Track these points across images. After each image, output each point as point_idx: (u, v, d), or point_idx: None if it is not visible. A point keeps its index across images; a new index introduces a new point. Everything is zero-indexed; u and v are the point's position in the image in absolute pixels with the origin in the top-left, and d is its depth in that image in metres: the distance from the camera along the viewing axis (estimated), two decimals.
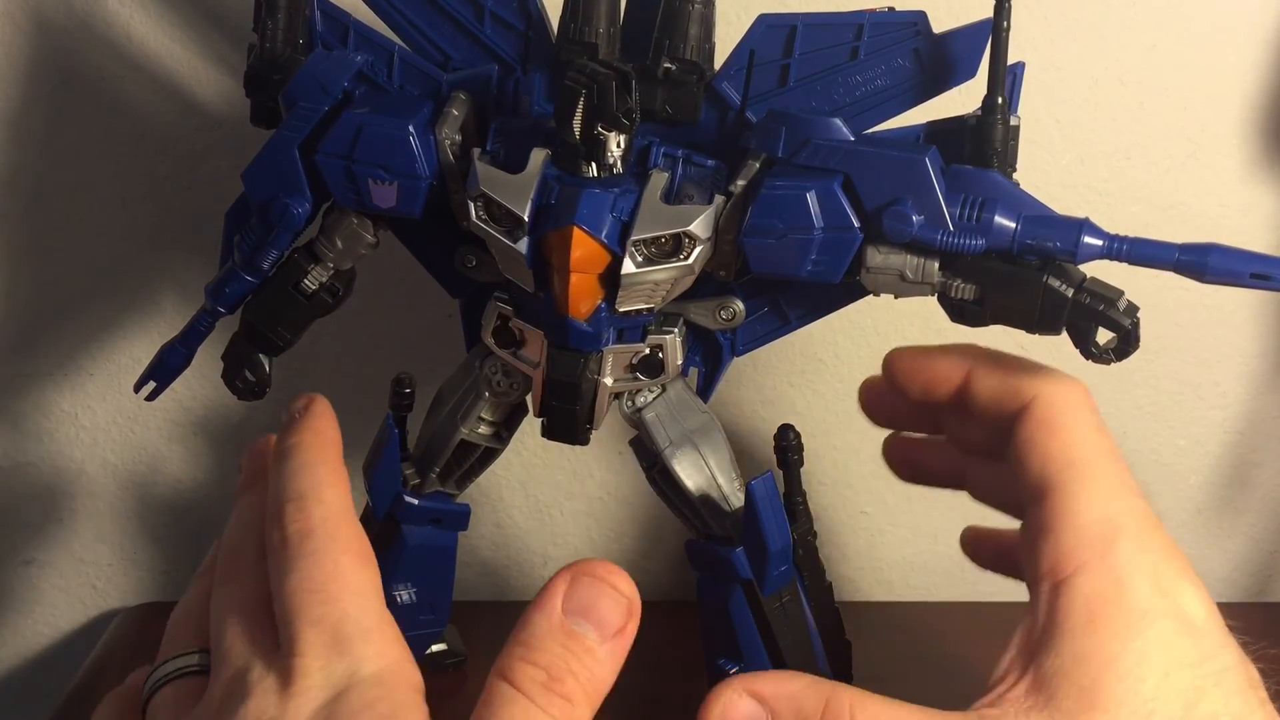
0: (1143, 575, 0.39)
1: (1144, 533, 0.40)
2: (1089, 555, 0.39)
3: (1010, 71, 0.44)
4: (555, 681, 0.36)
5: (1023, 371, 0.45)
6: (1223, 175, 0.65)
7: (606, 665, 0.37)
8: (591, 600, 0.37)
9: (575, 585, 0.37)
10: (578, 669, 0.36)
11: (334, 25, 0.50)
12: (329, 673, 0.36)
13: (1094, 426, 0.43)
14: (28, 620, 0.74)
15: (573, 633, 0.37)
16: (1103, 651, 0.38)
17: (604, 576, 0.38)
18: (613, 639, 0.37)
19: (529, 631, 0.37)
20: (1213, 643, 0.39)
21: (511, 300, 0.49)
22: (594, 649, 0.37)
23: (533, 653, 0.36)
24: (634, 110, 0.43)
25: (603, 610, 0.37)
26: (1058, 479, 0.41)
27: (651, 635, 0.68)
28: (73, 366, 0.69)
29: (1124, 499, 0.41)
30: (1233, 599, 0.73)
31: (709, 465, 0.50)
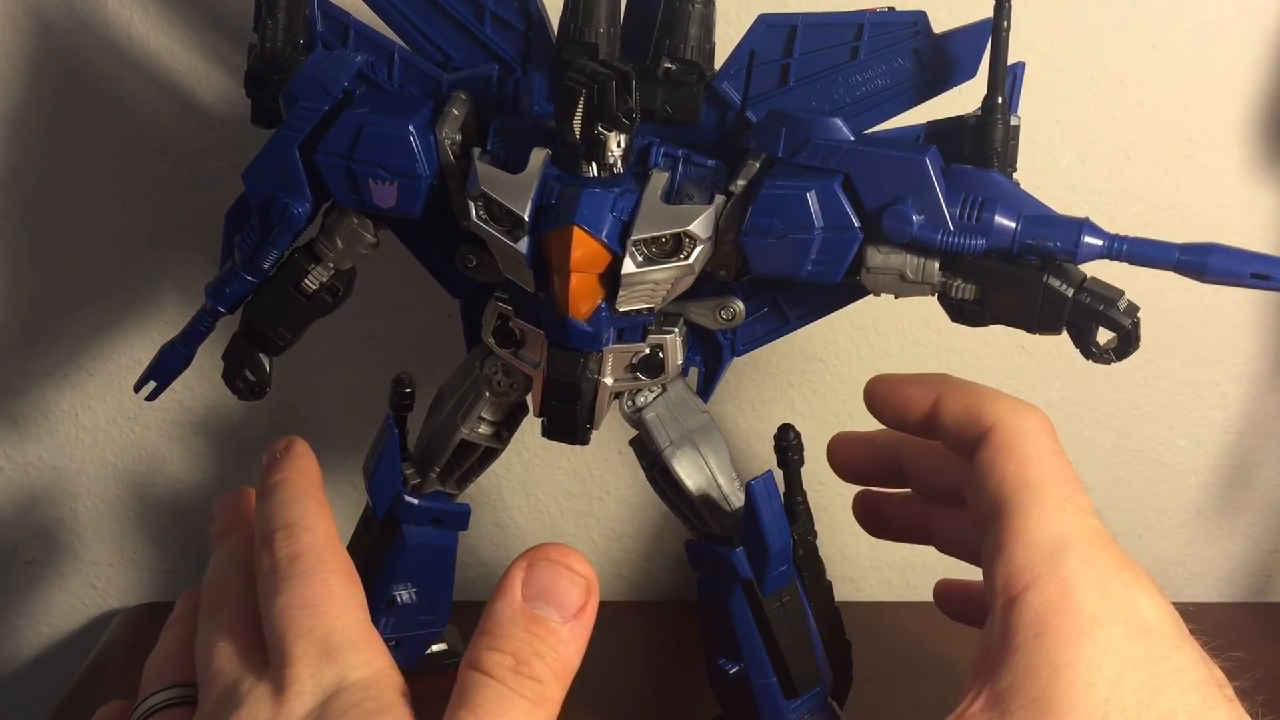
0: (1091, 586, 0.40)
1: (1093, 547, 0.41)
2: (1040, 570, 0.40)
3: (1010, 71, 0.44)
4: (523, 665, 0.37)
5: (985, 399, 0.46)
6: (1223, 175, 0.65)
7: (571, 644, 0.38)
8: (549, 583, 0.38)
9: (533, 571, 0.39)
10: (544, 650, 0.38)
11: (334, 25, 0.50)
12: (319, 680, 0.38)
13: (1049, 451, 0.43)
14: (28, 620, 0.74)
15: (535, 616, 0.38)
16: (1052, 660, 0.38)
17: (559, 559, 0.39)
18: (574, 618, 0.39)
19: (493, 621, 0.38)
20: (1167, 643, 0.39)
21: (512, 300, 0.49)
22: (557, 630, 0.38)
23: (499, 640, 0.38)
24: (634, 110, 0.43)
25: (561, 592, 0.38)
26: (1011, 500, 0.42)
27: (651, 635, 0.68)
28: (73, 366, 0.69)
29: (1074, 517, 0.41)
30: (1233, 599, 0.73)
31: (709, 465, 0.50)
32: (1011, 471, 0.43)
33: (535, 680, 0.37)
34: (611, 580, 0.73)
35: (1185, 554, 0.73)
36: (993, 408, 0.45)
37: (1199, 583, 0.73)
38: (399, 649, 0.57)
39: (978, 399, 0.46)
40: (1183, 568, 0.73)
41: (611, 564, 0.73)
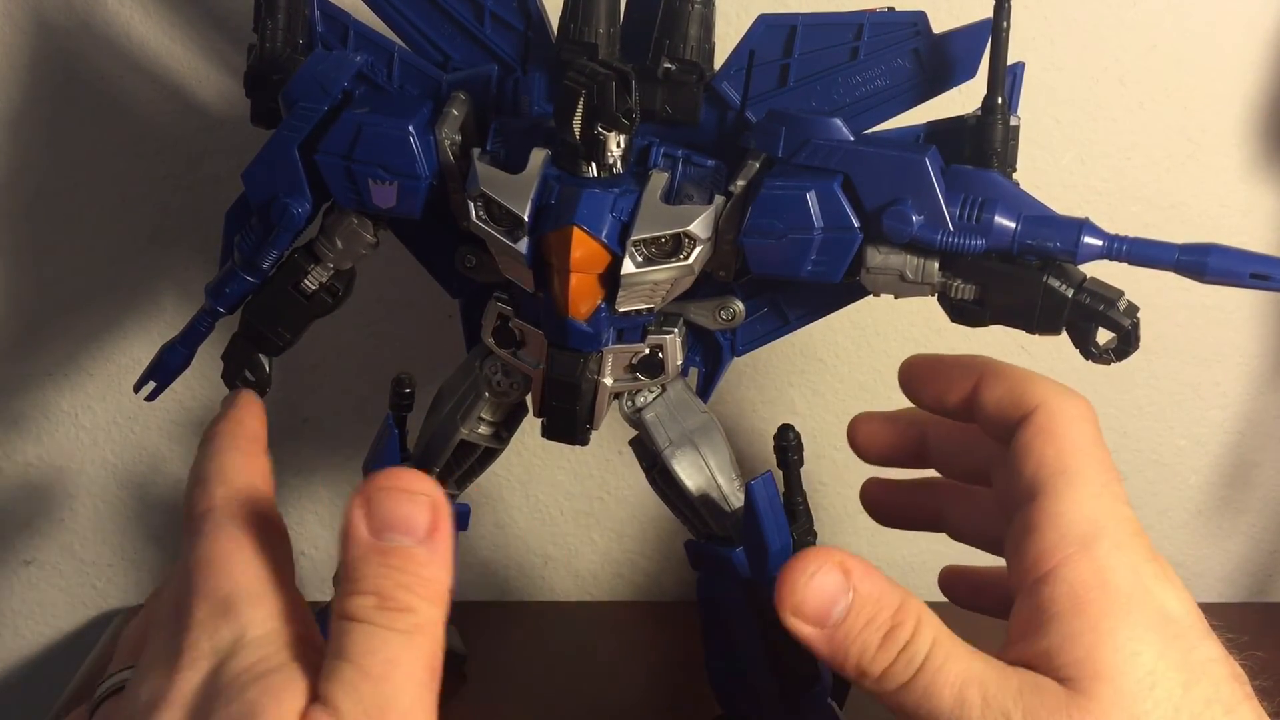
0: (1124, 570, 0.40)
1: (1126, 535, 0.41)
2: (1072, 550, 0.40)
3: (1010, 71, 0.44)
4: (388, 599, 0.36)
5: (1029, 383, 0.45)
6: (1223, 175, 0.65)
7: (432, 564, 0.37)
8: (390, 511, 0.37)
9: (371, 505, 0.37)
10: (405, 579, 0.36)
11: (334, 25, 0.50)
12: (215, 641, 0.36)
13: (1090, 439, 0.43)
14: (28, 620, 0.74)
15: (385, 549, 0.36)
16: (1096, 628, 0.38)
17: (393, 485, 0.37)
18: (428, 538, 0.37)
19: (347, 566, 0.37)
20: (1195, 635, 0.39)
21: (511, 300, 0.49)
22: (412, 553, 0.37)
23: (357, 583, 0.36)
24: (634, 110, 0.43)
25: (405, 516, 0.37)
26: (1048, 483, 0.42)
27: (652, 635, 0.68)
28: (73, 366, 0.69)
29: (1109, 504, 0.41)
30: (1233, 599, 0.73)
31: (709, 465, 0.50)
32: (1050, 455, 0.42)
33: (405, 610, 0.36)
34: (611, 580, 0.73)
35: (1185, 554, 0.73)
36: (1037, 391, 0.44)
37: (1199, 583, 0.73)
38: None
39: (1021, 383, 0.45)
40: (1183, 568, 0.73)
41: (611, 564, 0.73)
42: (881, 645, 0.40)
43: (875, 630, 0.40)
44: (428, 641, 0.36)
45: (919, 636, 0.40)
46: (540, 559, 0.73)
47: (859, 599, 0.41)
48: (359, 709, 0.34)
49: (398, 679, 0.35)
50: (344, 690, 0.34)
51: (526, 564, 0.73)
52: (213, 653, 0.36)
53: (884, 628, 0.40)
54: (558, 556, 0.73)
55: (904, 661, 0.39)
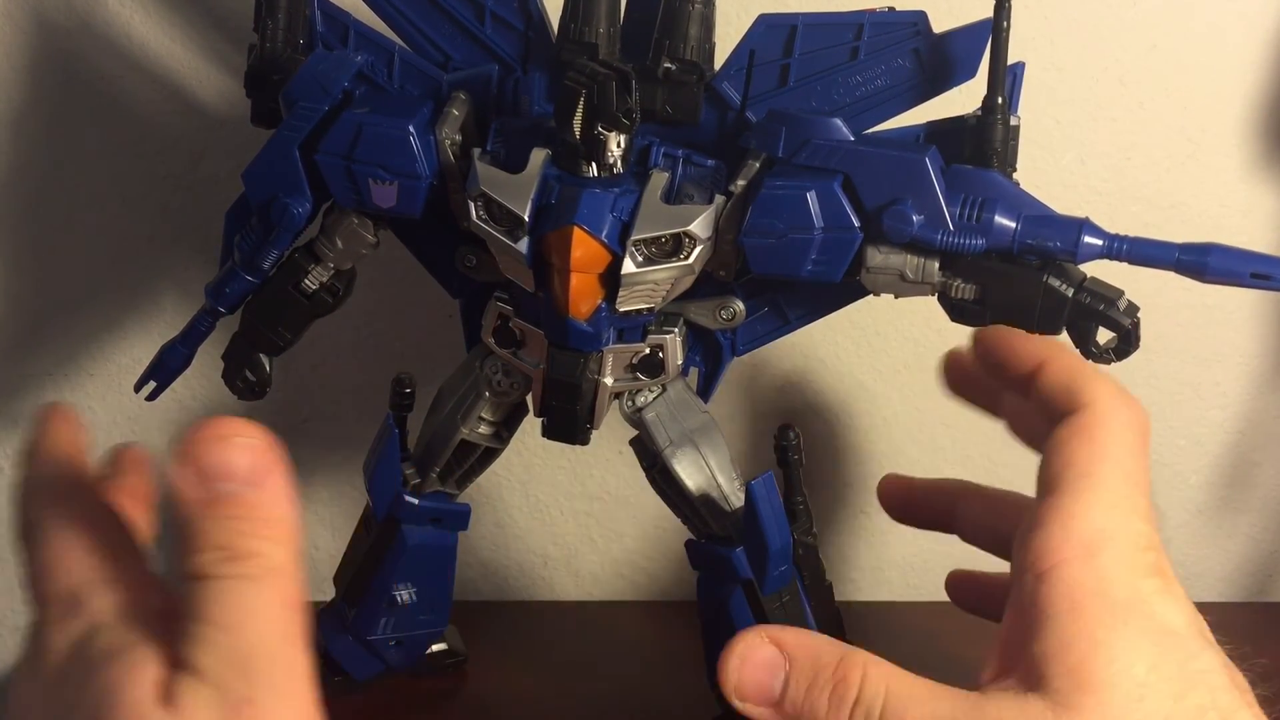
0: (1123, 580, 0.39)
1: (1131, 548, 0.40)
2: (1074, 553, 0.40)
3: (1010, 71, 0.44)
4: (230, 550, 0.35)
5: (1089, 378, 0.44)
6: (1223, 175, 0.65)
7: (272, 505, 0.36)
8: (212, 461, 0.35)
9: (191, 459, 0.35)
10: (244, 527, 0.35)
11: (334, 25, 0.50)
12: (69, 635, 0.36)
13: (1127, 448, 0.42)
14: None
15: (216, 499, 0.35)
16: (1090, 636, 0.38)
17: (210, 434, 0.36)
18: (257, 480, 0.35)
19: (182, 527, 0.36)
20: (1194, 645, 0.39)
21: (512, 300, 0.49)
22: (244, 497, 0.35)
23: (196, 540, 0.35)
24: (634, 110, 0.43)
25: (230, 463, 0.35)
26: (1069, 482, 0.42)
27: (652, 635, 0.68)
28: (73, 366, 0.69)
29: (1122, 517, 0.41)
30: (1233, 599, 0.73)
31: (709, 465, 0.50)
32: (1081, 456, 0.42)
33: (250, 557, 0.35)
34: (611, 580, 0.73)
35: (1185, 554, 0.73)
36: (1093, 388, 0.44)
37: (1199, 583, 0.73)
38: (399, 649, 0.57)
39: (1080, 376, 0.44)
40: (1183, 568, 0.73)
41: (611, 564, 0.73)
42: (831, 705, 0.39)
43: (820, 690, 0.40)
44: (281, 581, 0.35)
45: (868, 686, 0.39)
46: (540, 559, 0.73)
47: (795, 666, 0.40)
48: (221, 664, 0.33)
49: (256, 626, 0.34)
50: (203, 649, 0.34)
51: (526, 564, 0.73)
52: (68, 646, 0.36)
53: (828, 686, 0.40)
54: (558, 556, 0.73)
55: (861, 715, 0.39)
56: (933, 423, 0.68)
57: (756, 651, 0.41)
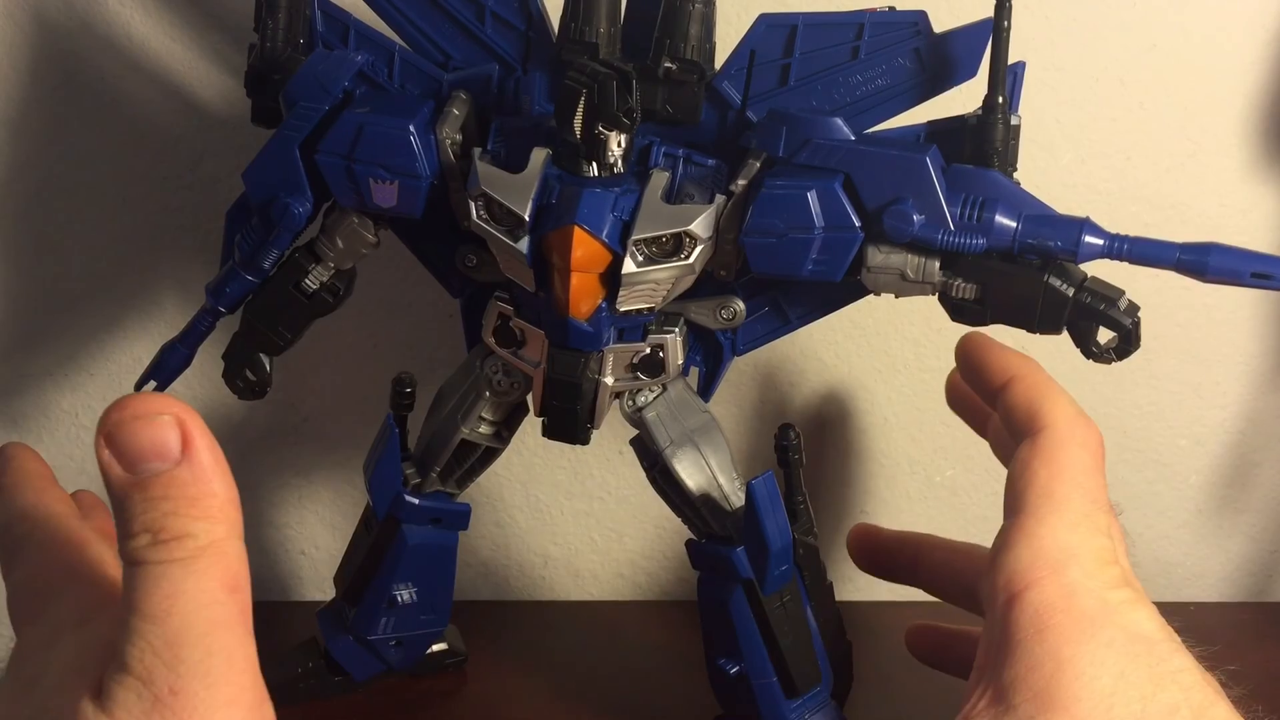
0: (1091, 594, 0.40)
1: (1097, 563, 0.41)
2: (1042, 573, 0.40)
3: (1011, 71, 0.44)
4: (160, 532, 0.34)
5: (1048, 400, 0.45)
6: (1223, 175, 0.65)
7: (197, 482, 0.34)
8: (135, 442, 0.34)
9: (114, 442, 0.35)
10: (171, 506, 0.34)
11: (334, 25, 0.50)
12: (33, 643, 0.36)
13: (1084, 468, 0.44)
14: None
15: (141, 482, 0.34)
16: (1055, 655, 0.38)
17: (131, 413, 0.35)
18: (184, 457, 0.34)
19: (114, 512, 0.35)
20: (1165, 649, 0.39)
21: (512, 300, 0.49)
22: (173, 476, 0.34)
23: (127, 525, 0.34)
24: (634, 110, 0.44)
25: (152, 441, 0.34)
26: (1032, 504, 0.43)
27: (651, 635, 0.68)
28: (73, 366, 0.69)
29: (1086, 534, 0.42)
30: (1233, 599, 0.73)
31: (709, 465, 0.50)
32: (1041, 478, 0.43)
33: (180, 538, 0.34)
34: (611, 580, 0.73)
35: (1185, 554, 0.73)
36: (1050, 411, 0.45)
37: (1199, 583, 0.73)
38: (399, 649, 0.57)
39: (1041, 397, 0.46)
40: (1183, 568, 0.73)
41: (611, 564, 0.73)
42: None
43: None
44: (215, 560, 0.34)
45: None
46: (540, 559, 0.73)
47: None
48: (148, 655, 0.33)
49: (184, 610, 0.33)
50: (131, 641, 0.33)
51: (526, 564, 0.73)
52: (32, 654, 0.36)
53: None
54: (558, 556, 0.73)
55: None
56: (933, 423, 0.68)
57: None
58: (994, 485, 0.69)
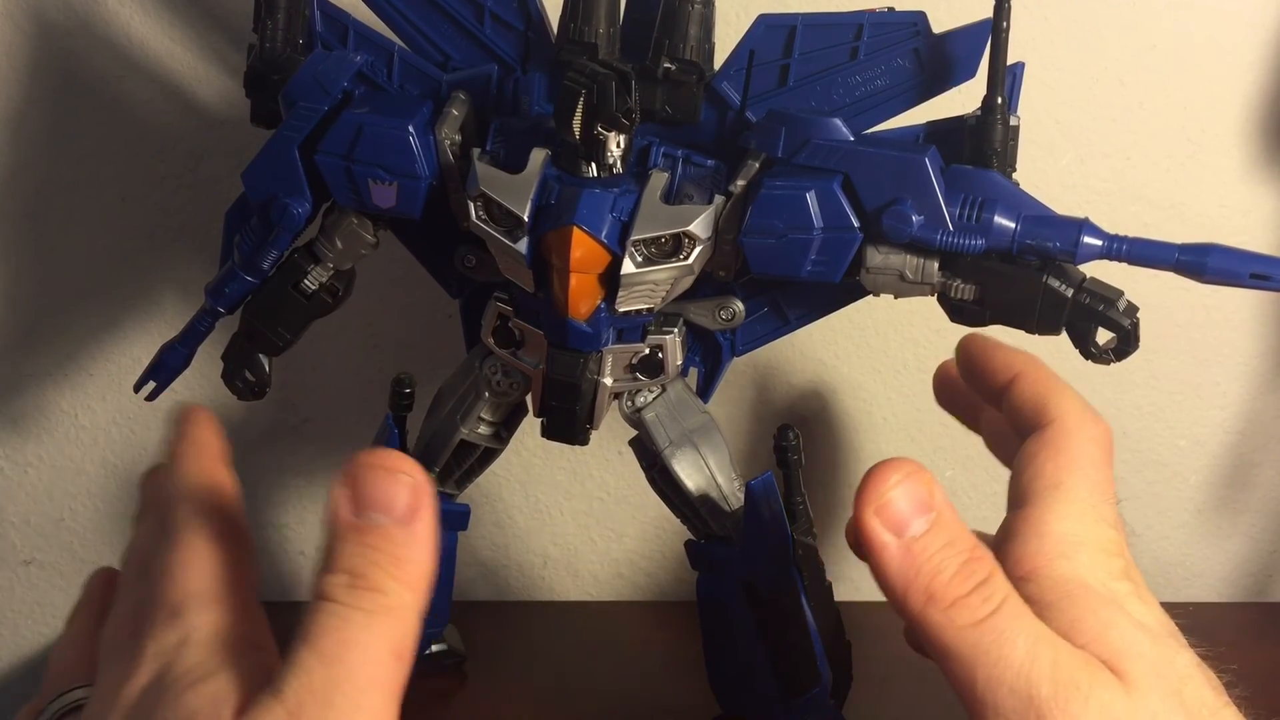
0: (1099, 581, 0.40)
1: (1103, 552, 0.41)
2: (1051, 557, 0.40)
3: (1010, 71, 0.44)
4: (359, 578, 0.35)
5: (1055, 394, 0.46)
6: (1223, 175, 0.65)
7: (410, 546, 0.35)
8: (371, 491, 0.36)
9: (353, 484, 0.36)
10: (379, 559, 0.35)
11: (334, 25, 0.50)
12: (160, 647, 0.36)
13: (1092, 460, 0.44)
14: (28, 620, 0.74)
15: (362, 527, 0.35)
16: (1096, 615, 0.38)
17: (377, 463, 0.36)
18: (409, 520, 0.36)
19: (326, 546, 0.36)
20: (1173, 643, 0.39)
21: (511, 300, 0.49)
22: (390, 533, 0.35)
23: (331, 562, 0.35)
24: (634, 110, 0.43)
25: (386, 495, 0.36)
26: (1039, 494, 0.43)
27: (651, 635, 0.68)
28: (73, 366, 0.69)
29: (1093, 524, 0.42)
30: (1233, 599, 0.73)
31: (709, 465, 0.50)
32: (1049, 469, 0.43)
33: (375, 591, 0.34)
34: (611, 580, 0.73)
35: (1185, 554, 0.73)
36: (1058, 405, 0.45)
37: (1199, 583, 0.73)
38: None
39: (1048, 392, 0.46)
40: (1183, 568, 0.73)
41: (611, 564, 0.73)
42: (959, 572, 0.38)
43: (955, 553, 0.38)
44: (395, 624, 0.34)
45: (995, 579, 0.38)
46: (540, 559, 0.73)
47: (941, 519, 0.38)
48: (304, 690, 0.33)
49: (352, 659, 0.33)
50: (293, 671, 0.33)
51: (526, 564, 0.73)
52: (156, 656, 0.36)
53: (962, 555, 0.38)
54: (558, 556, 0.73)
55: (980, 597, 0.37)
56: (932, 423, 0.68)
57: (915, 484, 0.39)
58: (994, 486, 0.69)
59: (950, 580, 0.38)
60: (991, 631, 0.37)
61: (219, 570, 0.38)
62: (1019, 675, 0.36)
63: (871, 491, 0.38)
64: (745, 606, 0.50)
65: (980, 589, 0.37)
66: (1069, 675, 0.36)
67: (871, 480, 0.39)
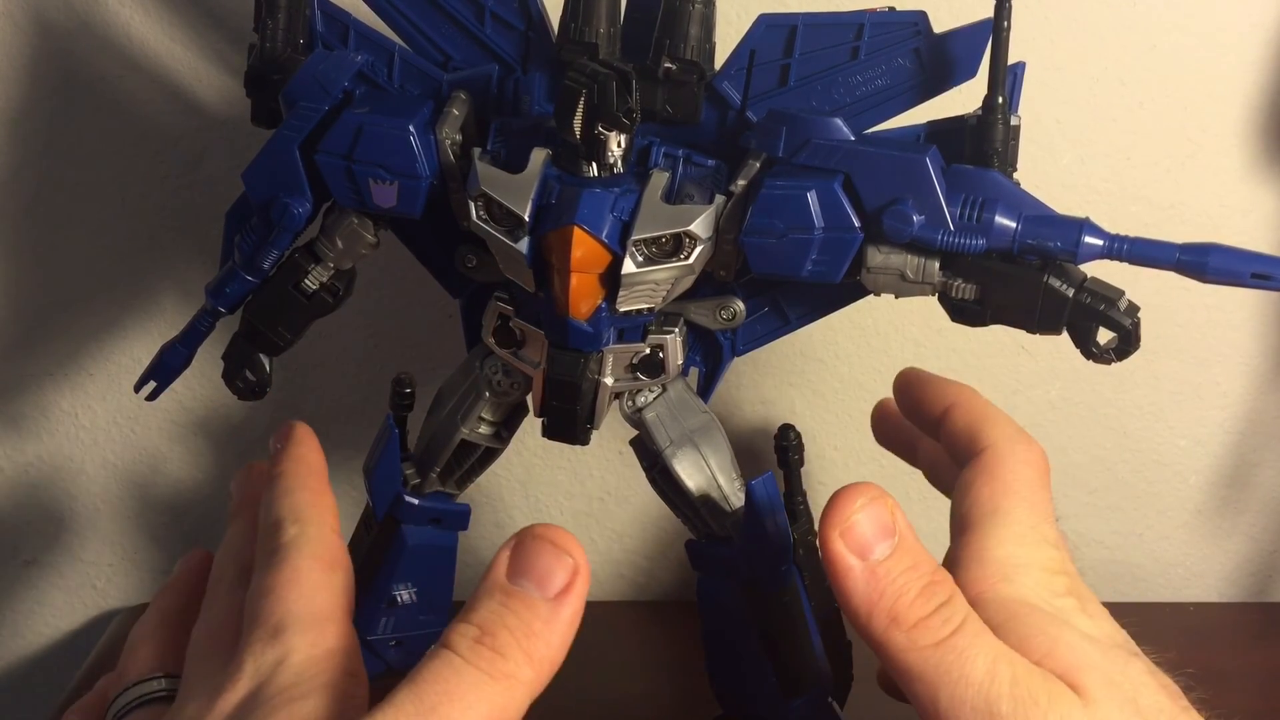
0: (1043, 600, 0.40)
1: (1046, 574, 0.41)
2: (994, 582, 0.41)
3: (1010, 71, 0.44)
4: (487, 635, 0.35)
5: (988, 422, 0.46)
6: (1223, 175, 0.65)
7: (550, 624, 0.35)
8: (532, 559, 0.36)
9: (518, 549, 0.36)
10: (514, 623, 0.35)
11: (334, 25, 0.50)
12: (259, 663, 0.36)
13: (1028, 483, 0.44)
14: (28, 620, 0.74)
15: (511, 590, 0.36)
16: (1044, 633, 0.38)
17: (544, 535, 0.36)
18: (557, 598, 0.36)
19: (472, 599, 0.36)
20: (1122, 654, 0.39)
21: (512, 300, 0.49)
22: (534, 603, 0.35)
23: (469, 614, 0.35)
24: (634, 110, 0.43)
25: (544, 568, 0.36)
26: (979, 521, 0.43)
27: (651, 635, 0.68)
28: (73, 366, 0.69)
29: (1033, 546, 0.42)
30: (1233, 599, 0.73)
31: (709, 465, 0.50)
32: (985, 495, 0.43)
33: (496, 653, 0.34)
34: (611, 580, 0.73)
35: (1185, 554, 0.73)
36: (990, 432, 0.46)
37: (1199, 583, 0.73)
38: (399, 649, 0.57)
39: (981, 420, 0.46)
40: (1183, 568, 0.73)
41: (611, 564, 0.73)
42: (921, 594, 0.38)
43: (917, 578, 0.38)
44: (504, 693, 0.34)
45: (956, 600, 0.38)
46: None
47: (904, 542, 0.39)
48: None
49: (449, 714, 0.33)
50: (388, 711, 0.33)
51: None
52: (255, 674, 0.36)
53: (924, 578, 0.39)
54: None
55: (940, 619, 0.38)
56: None
57: (877, 508, 0.39)
58: None
59: (913, 602, 0.38)
60: (952, 651, 0.37)
61: (320, 595, 0.39)
62: (979, 693, 0.36)
63: (836, 515, 0.39)
64: (745, 606, 0.50)
65: (941, 610, 0.38)
66: (1028, 692, 0.36)
67: (835, 505, 0.39)
